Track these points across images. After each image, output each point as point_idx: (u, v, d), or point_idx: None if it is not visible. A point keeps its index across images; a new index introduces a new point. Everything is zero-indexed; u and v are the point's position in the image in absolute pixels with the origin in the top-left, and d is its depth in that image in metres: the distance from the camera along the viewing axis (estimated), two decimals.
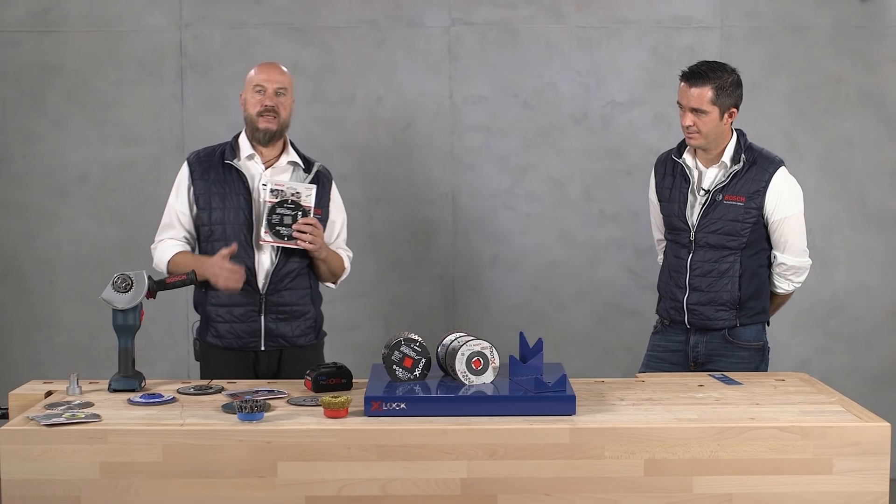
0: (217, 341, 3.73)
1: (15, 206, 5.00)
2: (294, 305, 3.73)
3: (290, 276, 3.71)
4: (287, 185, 3.64)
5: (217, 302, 3.70)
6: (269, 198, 3.62)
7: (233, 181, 3.71)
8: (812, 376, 3.59)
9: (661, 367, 3.84)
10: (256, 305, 3.69)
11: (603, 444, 2.86)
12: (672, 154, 3.86)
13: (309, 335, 3.78)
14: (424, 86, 4.99)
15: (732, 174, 3.72)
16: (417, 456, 2.84)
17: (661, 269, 3.96)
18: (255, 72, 3.76)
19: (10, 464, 2.83)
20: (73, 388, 3.21)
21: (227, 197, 3.69)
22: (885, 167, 5.01)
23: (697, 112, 3.68)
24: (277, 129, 3.71)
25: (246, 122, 3.77)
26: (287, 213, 3.62)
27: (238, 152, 3.76)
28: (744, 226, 3.71)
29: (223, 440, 2.84)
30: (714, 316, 3.76)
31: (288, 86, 3.75)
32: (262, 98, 3.70)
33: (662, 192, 3.86)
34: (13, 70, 4.96)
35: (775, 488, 2.86)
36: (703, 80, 3.67)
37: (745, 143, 3.78)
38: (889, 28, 4.96)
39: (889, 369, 5.08)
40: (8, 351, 5.05)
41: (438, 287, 5.07)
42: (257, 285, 3.68)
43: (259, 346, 3.71)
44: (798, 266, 3.81)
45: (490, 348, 3.13)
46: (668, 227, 3.88)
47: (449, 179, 5.03)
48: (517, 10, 4.97)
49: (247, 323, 3.69)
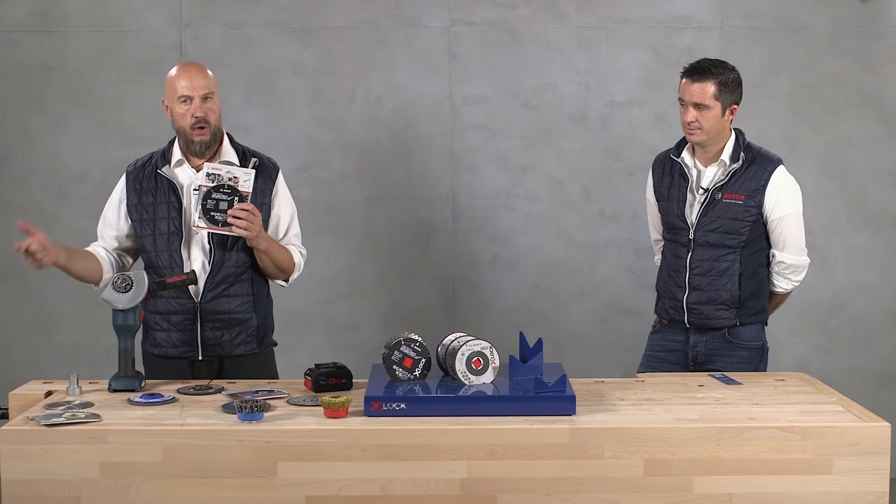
0: (155, 349, 3.63)
1: (15, 206, 5.00)
2: (232, 313, 3.59)
3: (226, 282, 3.58)
4: (224, 169, 3.50)
5: (154, 309, 3.59)
6: (205, 182, 3.49)
7: (163, 190, 3.59)
8: (812, 376, 3.59)
9: (660, 367, 3.84)
10: (191, 314, 3.57)
11: (603, 444, 2.85)
12: (670, 153, 3.86)
13: (250, 344, 3.63)
14: (424, 86, 4.99)
15: (731, 173, 3.72)
16: (417, 456, 2.84)
17: (659, 269, 3.96)
18: (175, 78, 3.57)
19: (10, 464, 2.83)
20: (73, 388, 3.21)
21: (158, 207, 3.58)
22: (885, 167, 5.01)
23: (700, 107, 3.68)
24: (210, 138, 3.57)
25: (177, 133, 3.60)
26: (223, 199, 3.47)
27: (169, 159, 3.64)
28: (743, 224, 3.71)
29: (223, 440, 2.84)
30: (714, 315, 3.76)
31: (213, 88, 3.57)
32: (191, 108, 3.53)
33: (661, 192, 3.86)
34: (13, 70, 4.96)
35: (775, 488, 2.86)
36: (705, 75, 3.68)
37: (744, 141, 3.78)
38: (889, 28, 4.96)
39: (889, 369, 5.08)
40: (8, 351, 5.05)
41: (438, 287, 5.07)
42: (191, 293, 3.57)
43: (196, 356, 3.59)
44: (797, 265, 3.81)
45: (490, 348, 3.13)
46: (666, 227, 3.88)
47: (449, 179, 5.03)
48: (517, 10, 4.97)
49: (183, 332, 3.58)
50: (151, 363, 3.67)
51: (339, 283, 5.05)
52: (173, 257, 3.58)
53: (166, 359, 3.62)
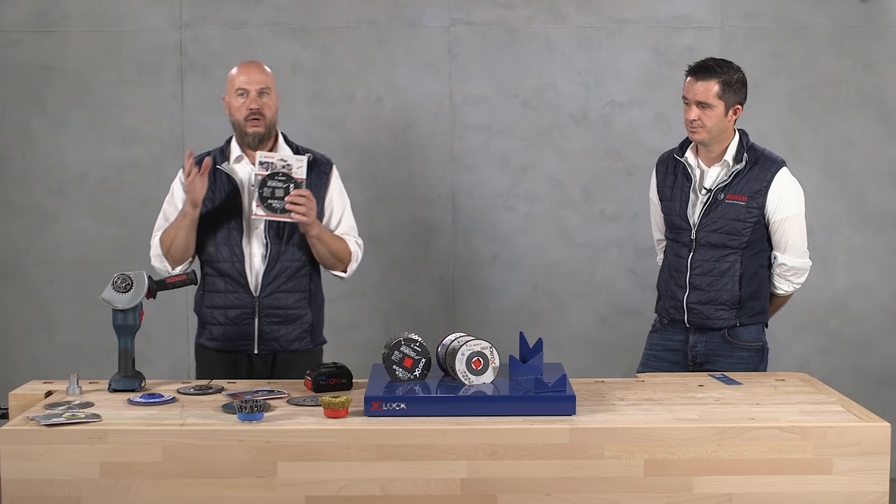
0: (211, 343, 3.71)
1: (15, 206, 5.00)
2: (289, 309, 3.68)
3: (284, 276, 3.66)
4: (277, 157, 3.58)
5: (212, 304, 3.69)
6: (259, 170, 3.55)
7: (222, 185, 3.67)
8: (812, 376, 3.59)
9: (660, 366, 3.84)
10: (250, 308, 3.66)
11: (603, 444, 2.86)
12: (674, 153, 3.86)
13: (304, 340, 3.72)
14: (424, 86, 4.99)
15: (734, 173, 3.72)
16: (417, 456, 2.84)
17: (660, 269, 3.96)
18: (235, 74, 3.69)
19: (10, 464, 2.83)
20: (73, 388, 3.21)
21: (217, 201, 3.66)
22: (885, 167, 5.01)
23: (703, 106, 3.68)
24: (265, 130, 3.66)
25: (234, 127, 3.71)
26: (279, 186, 3.54)
27: (228, 156, 3.72)
28: (745, 225, 3.71)
29: (223, 440, 2.84)
30: (714, 315, 3.76)
31: (271, 84, 3.69)
32: (246, 101, 3.64)
33: (664, 191, 3.86)
34: (13, 70, 4.96)
35: (775, 488, 2.86)
36: (710, 73, 3.68)
37: (748, 142, 3.78)
38: (889, 28, 4.96)
39: (889, 369, 5.08)
40: (8, 351, 5.05)
41: (438, 287, 5.07)
42: (250, 288, 3.65)
43: (252, 350, 3.68)
44: (798, 267, 3.81)
45: (490, 348, 3.13)
46: (669, 227, 3.88)
47: (449, 179, 5.03)
48: (517, 10, 4.97)
49: (240, 326, 3.66)
50: (205, 357, 3.73)
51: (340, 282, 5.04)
52: (234, 251, 3.65)
53: (221, 352, 3.69)
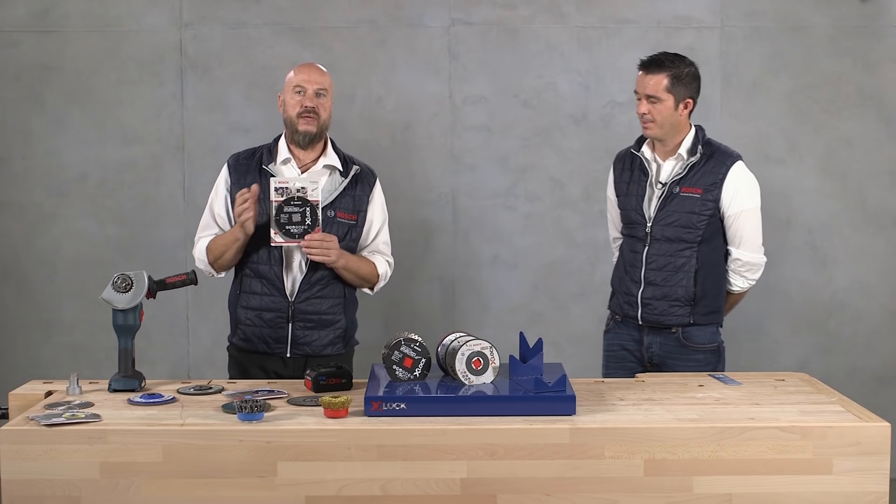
0: (244, 344, 3.71)
1: (15, 206, 5.00)
2: (323, 314, 3.68)
3: (320, 284, 3.66)
4: (292, 181, 3.55)
5: (247, 305, 3.68)
6: (275, 197, 3.52)
7: (266, 186, 3.60)
8: (812, 376, 3.59)
9: (622, 366, 3.84)
10: (285, 312, 3.65)
11: (603, 444, 2.86)
12: (631, 149, 3.87)
13: (337, 345, 3.73)
14: (424, 86, 4.99)
15: (689, 166, 3.72)
16: (417, 456, 2.84)
17: (615, 265, 3.96)
18: (294, 72, 3.70)
19: (10, 464, 2.83)
20: (73, 388, 3.21)
21: (262, 202, 3.60)
22: (885, 167, 5.01)
23: (652, 100, 3.69)
24: (317, 130, 3.65)
25: (285, 125, 3.70)
26: (295, 211, 3.52)
27: (275, 156, 3.70)
28: (700, 218, 3.71)
29: (223, 440, 2.84)
30: (668, 311, 3.74)
31: (328, 87, 3.69)
32: (302, 99, 3.63)
33: (620, 187, 3.87)
34: (13, 70, 4.96)
35: (775, 488, 2.86)
36: (658, 67, 3.70)
37: (704, 137, 3.78)
38: (889, 28, 4.96)
39: (889, 369, 5.08)
40: (8, 351, 5.05)
41: (438, 287, 5.07)
42: (286, 292, 3.64)
43: (285, 353, 3.67)
44: (753, 263, 3.81)
45: (490, 348, 3.13)
46: (624, 222, 3.87)
47: (449, 179, 5.03)
48: (517, 10, 4.97)
49: (274, 329, 3.66)
50: (237, 357, 3.74)
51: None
52: (272, 254, 3.64)
53: (254, 353, 3.70)
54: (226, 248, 3.62)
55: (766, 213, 4.32)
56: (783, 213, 5.00)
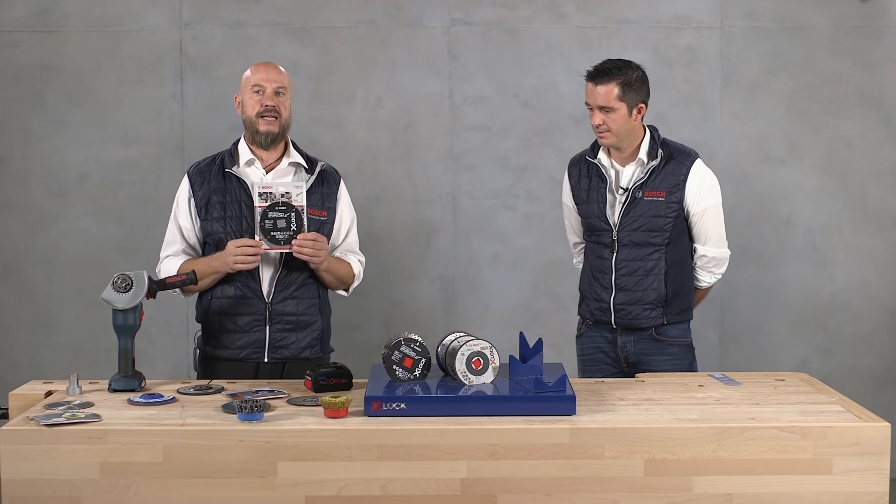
0: (219, 351, 3.62)
1: (15, 206, 5.00)
2: (300, 315, 3.62)
3: (295, 284, 3.60)
4: (275, 186, 3.50)
5: (220, 310, 3.60)
6: (259, 202, 3.47)
7: (233, 189, 3.59)
8: (812, 376, 3.59)
9: (599, 368, 3.84)
10: (262, 315, 3.58)
11: (603, 444, 2.85)
12: (586, 155, 3.85)
13: (314, 347, 3.66)
14: (424, 86, 4.99)
15: (650, 170, 3.71)
16: (417, 456, 2.84)
17: (581, 271, 3.96)
18: (251, 72, 3.63)
19: (10, 464, 2.83)
20: (73, 388, 3.21)
21: (228, 206, 3.57)
22: (885, 167, 5.01)
23: (605, 110, 3.67)
24: (279, 130, 3.59)
25: (245, 126, 3.64)
26: (280, 217, 3.47)
27: (237, 159, 3.65)
28: (666, 221, 3.71)
29: (223, 440, 2.84)
30: (641, 315, 3.75)
31: (287, 85, 3.64)
32: (262, 98, 3.57)
33: (580, 195, 3.85)
34: (13, 70, 4.96)
35: (775, 488, 2.86)
36: (607, 77, 3.66)
37: (660, 138, 3.78)
38: (889, 28, 4.96)
39: (889, 369, 5.09)
40: (8, 351, 5.05)
41: (438, 287, 5.07)
42: (262, 294, 3.58)
43: (262, 358, 3.60)
44: (719, 257, 3.83)
45: (490, 348, 3.13)
46: (588, 229, 3.86)
47: (449, 179, 5.03)
48: (517, 10, 4.97)
49: (251, 333, 3.59)
50: (211, 365, 3.64)
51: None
52: None
53: (230, 361, 3.60)
54: (202, 274, 3.52)
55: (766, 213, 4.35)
56: (783, 213, 5.00)
